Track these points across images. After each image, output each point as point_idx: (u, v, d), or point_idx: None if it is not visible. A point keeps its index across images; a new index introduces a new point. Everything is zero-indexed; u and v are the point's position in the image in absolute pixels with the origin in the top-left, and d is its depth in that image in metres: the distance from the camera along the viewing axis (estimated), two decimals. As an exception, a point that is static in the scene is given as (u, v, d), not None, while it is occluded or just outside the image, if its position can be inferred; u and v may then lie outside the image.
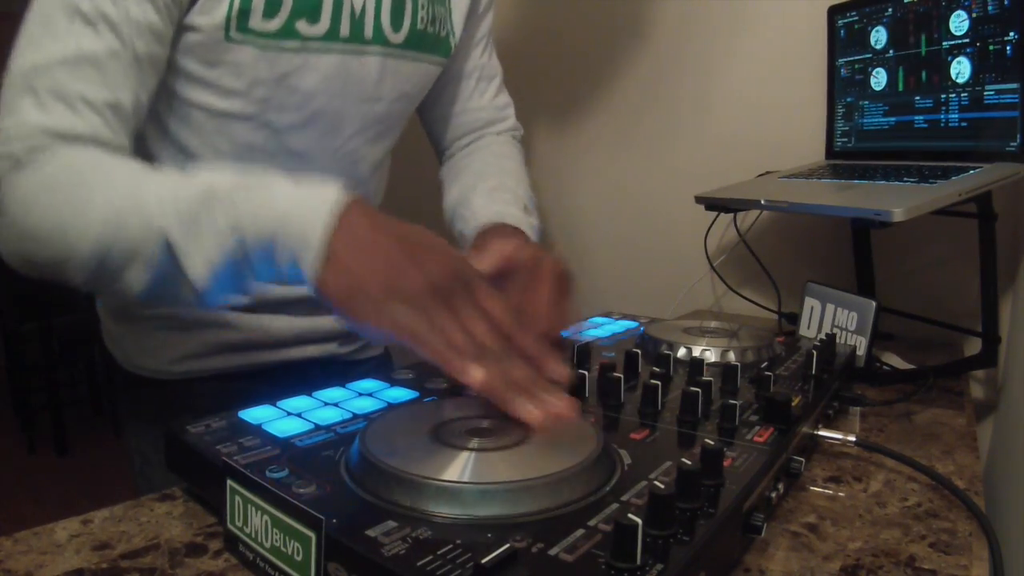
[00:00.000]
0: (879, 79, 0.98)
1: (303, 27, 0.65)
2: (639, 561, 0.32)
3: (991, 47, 0.83)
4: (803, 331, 0.85)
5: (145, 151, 0.67)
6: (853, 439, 0.56)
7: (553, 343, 0.61)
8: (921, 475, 0.55)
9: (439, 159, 0.95)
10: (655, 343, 0.69)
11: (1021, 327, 0.89)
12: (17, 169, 0.53)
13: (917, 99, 0.93)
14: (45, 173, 0.53)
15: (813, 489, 0.54)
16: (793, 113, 1.13)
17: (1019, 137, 0.81)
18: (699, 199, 1.01)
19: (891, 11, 0.94)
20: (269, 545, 0.38)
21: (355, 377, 0.62)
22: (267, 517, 0.38)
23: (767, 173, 1.10)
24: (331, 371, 0.81)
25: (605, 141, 1.35)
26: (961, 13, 0.86)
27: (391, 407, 0.54)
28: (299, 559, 0.36)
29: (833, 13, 1.03)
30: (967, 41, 0.86)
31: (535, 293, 0.62)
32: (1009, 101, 0.82)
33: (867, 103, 1.00)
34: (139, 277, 0.52)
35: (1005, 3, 0.81)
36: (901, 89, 0.95)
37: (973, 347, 0.91)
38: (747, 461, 0.45)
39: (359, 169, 0.77)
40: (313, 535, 0.35)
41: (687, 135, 1.25)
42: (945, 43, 0.88)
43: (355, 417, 0.52)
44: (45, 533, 0.45)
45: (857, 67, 1.01)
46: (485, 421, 0.47)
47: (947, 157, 0.89)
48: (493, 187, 0.80)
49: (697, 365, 0.59)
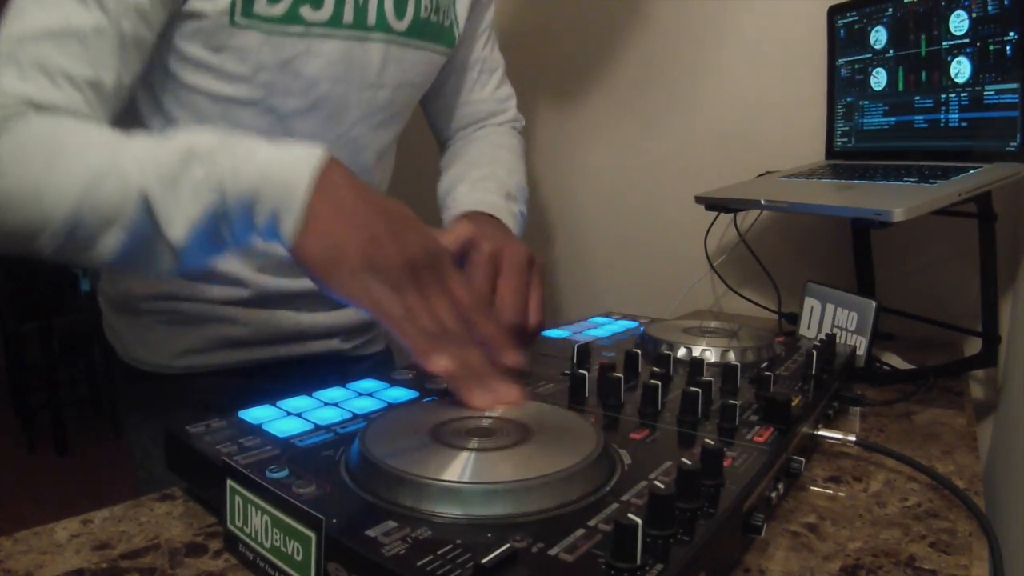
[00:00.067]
0: (879, 79, 0.98)
1: (307, 12, 0.65)
2: (639, 561, 0.32)
3: (991, 47, 0.83)
4: (803, 331, 0.85)
5: None
6: (853, 439, 0.56)
7: (522, 332, 0.61)
8: (921, 475, 0.55)
9: (441, 150, 0.95)
10: (655, 343, 0.69)
11: (1021, 327, 0.89)
12: None
13: (917, 99, 0.93)
14: (19, 139, 0.52)
15: (813, 489, 0.54)
16: (793, 113, 1.13)
17: (1019, 137, 0.81)
18: (699, 199, 1.01)
19: (891, 11, 0.94)
20: (269, 545, 0.38)
21: (357, 373, 0.62)
22: (267, 517, 0.38)
23: (767, 173, 1.10)
24: (333, 367, 0.81)
25: (605, 141, 1.35)
26: (961, 13, 0.86)
27: (391, 407, 0.54)
28: (299, 559, 0.36)
29: (833, 13, 1.03)
30: (967, 41, 0.86)
31: (501, 282, 0.63)
32: (1009, 101, 0.82)
33: (867, 103, 1.00)
34: (114, 242, 0.51)
35: (1005, 3, 0.81)
36: (901, 89, 0.95)
37: (973, 347, 0.91)
38: (747, 461, 0.45)
39: (363, 157, 0.77)
40: (313, 535, 0.35)
41: (687, 135, 1.25)
42: (945, 43, 0.88)
43: (355, 417, 0.52)
44: (45, 533, 0.45)
45: (857, 67, 1.01)
46: (485, 421, 0.47)
47: (947, 157, 0.89)
48: (481, 176, 0.80)
49: (697, 365, 0.59)
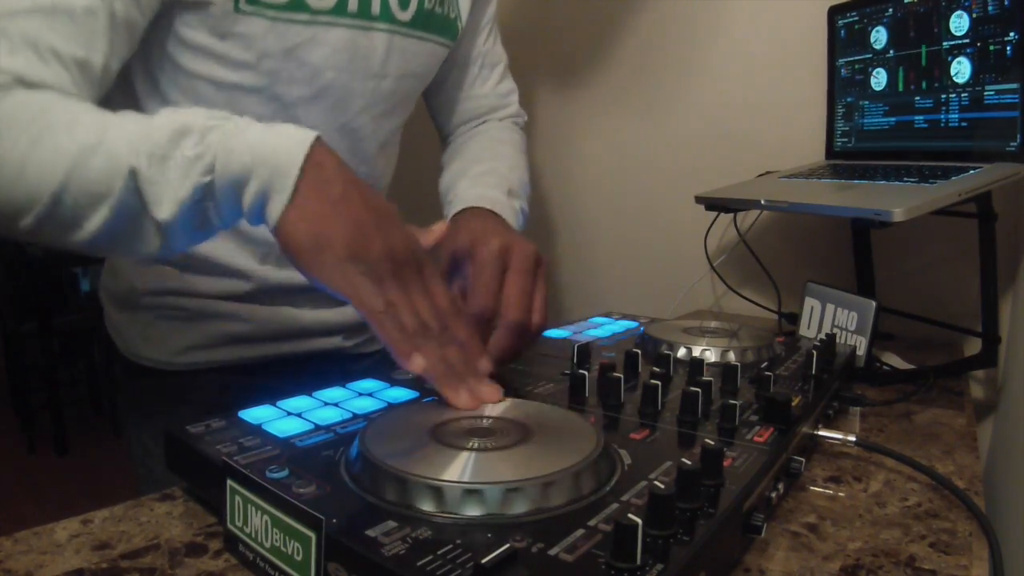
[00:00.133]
0: (879, 79, 0.98)
1: (312, 0, 0.65)
2: (639, 561, 0.32)
3: (991, 47, 0.83)
4: (803, 331, 0.85)
5: None
6: (853, 439, 0.56)
7: (526, 332, 0.61)
8: (921, 475, 0.55)
9: (443, 145, 0.95)
10: (655, 343, 0.69)
11: (1021, 327, 0.89)
12: None
13: (917, 99, 0.93)
14: (6, 113, 0.51)
15: (813, 489, 0.54)
16: (793, 113, 1.13)
17: (1019, 137, 0.81)
18: (699, 199, 1.01)
19: (891, 11, 0.94)
20: (269, 545, 0.38)
21: (358, 371, 0.62)
22: (267, 517, 0.38)
23: (767, 173, 1.10)
24: (334, 365, 0.81)
25: (604, 141, 1.35)
26: (961, 13, 0.86)
27: (391, 407, 0.54)
28: (299, 559, 0.36)
29: (833, 13, 1.03)
30: (967, 41, 0.86)
31: (508, 280, 0.61)
32: (1009, 101, 0.82)
33: (867, 103, 1.00)
34: (99, 221, 0.50)
35: (1005, 3, 0.81)
36: (901, 89, 0.95)
37: (973, 347, 0.91)
38: (747, 461, 0.45)
39: (365, 146, 0.77)
40: (313, 535, 0.35)
41: (687, 135, 1.25)
42: (945, 43, 0.88)
43: (355, 417, 0.52)
44: (45, 533, 0.45)
45: (857, 67, 1.01)
46: (485, 421, 0.47)
47: (947, 157, 0.89)
48: (482, 171, 0.80)
49: (697, 365, 0.59)
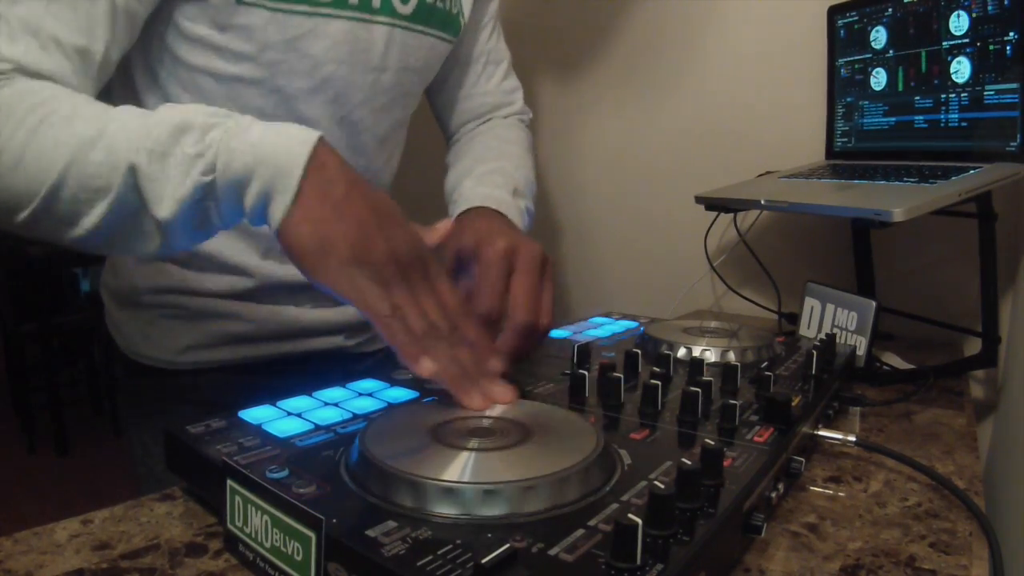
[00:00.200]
0: (879, 79, 0.98)
1: None
2: (639, 561, 0.32)
3: (991, 47, 0.83)
4: (803, 331, 0.85)
5: None
6: (853, 439, 0.56)
7: (533, 332, 0.61)
8: (921, 475, 0.55)
9: (448, 144, 0.95)
10: (655, 343, 0.69)
11: (1021, 327, 0.89)
12: None
13: (917, 99, 0.93)
14: (5, 102, 0.50)
15: (813, 489, 0.54)
16: (793, 113, 1.13)
17: (1019, 137, 0.81)
18: (699, 199, 1.01)
19: (891, 11, 0.94)
20: (269, 545, 0.38)
21: (360, 371, 0.61)
22: (267, 517, 0.38)
23: (767, 173, 1.10)
24: (336, 364, 0.81)
25: (603, 142, 1.35)
26: (961, 13, 0.86)
27: (391, 407, 0.54)
28: (299, 559, 0.36)
29: (833, 13, 1.03)
30: (967, 41, 0.86)
31: (515, 280, 0.61)
32: (1009, 101, 0.82)
33: (867, 103, 1.00)
34: (97, 217, 0.49)
35: (1005, 3, 0.81)
36: (901, 89, 0.95)
37: (973, 347, 0.91)
38: (747, 461, 0.45)
39: (363, 139, 0.77)
40: (313, 535, 0.35)
41: (687, 135, 1.25)
42: (945, 43, 0.88)
43: (355, 417, 0.52)
44: (45, 533, 0.45)
45: (857, 67, 1.01)
46: (485, 421, 0.47)
47: (947, 157, 0.89)
48: (487, 171, 0.79)
49: (697, 365, 0.59)
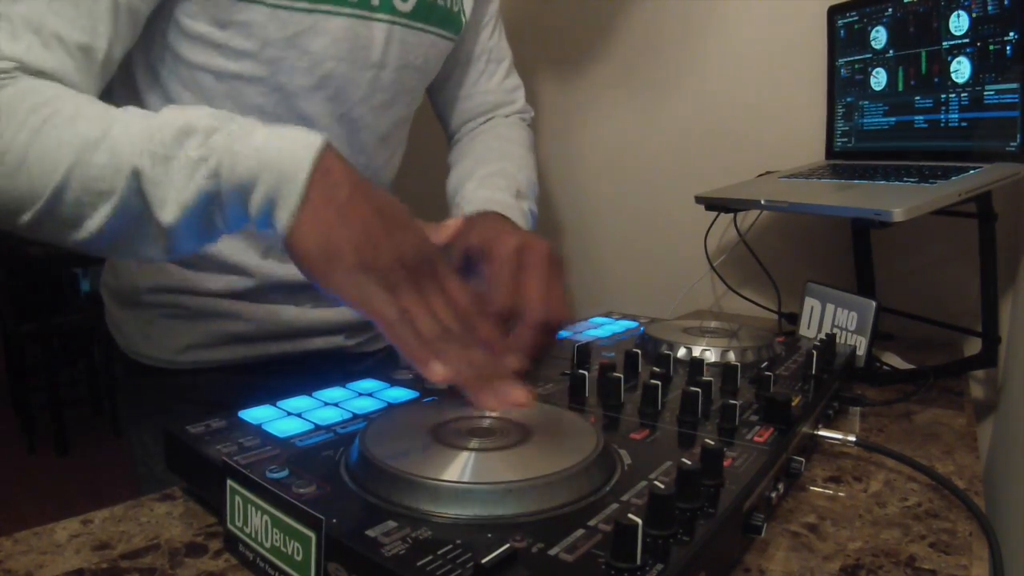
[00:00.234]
0: (879, 79, 0.98)
1: None
2: (639, 561, 0.32)
3: (991, 47, 0.83)
4: (803, 331, 0.85)
5: None
6: (853, 439, 0.56)
7: (549, 329, 0.60)
8: (921, 475, 0.55)
9: (449, 143, 0.95)
10: (655, 343, 0.69)
11: (1021, 327, 0.89)
12: None
13: (917, 99, 0.93)
14: (8, 102, 0.50)
15: (813, 489, 0.54)
16: (793, 113, 1.13)
17: (1019, 137, 0.81)
18: (699, 199, 1.01)
19: (891, 11, 0.94)
20: (269, 545, 0.38)
21: (360, 371, 0.61)
22: (267, 517, 0.38)
23: (767, 173, 1.10)
24: (336, 364, 0.81)
25: (603, 142, 1.35)
26: (961, 13, 0.86)
27: (391, 407, 0.54)
28: (299, 559, 0.36)
29: (833, 13, 1.03)
30: (967, 41, 0.86)
31: (527, 278, 0.61)
32: (1009, 101, 0.82)
33: (867, 103, 1.00)
34: (101, 220, 0.49)
35: (1005, 3, 0.81)
36: (901, 89, 0.95)
37: (973, 347, 0.91)
38: (747, 461, 0.45)
39: (363, 137, 0.77)
40: (313, 535, 0.35)
41: (687, 135, 1.25)
42: (945, 43, 0.88)
43: (355, 417, 0.52)
44: (45, 533, 0.45)
45: (857, 67, 1.01)
46: (485, 421, 0.47)
47: (947, 157, 0.89)
48: (489, 173, 0.79)
49: (697, 365, 0.59)
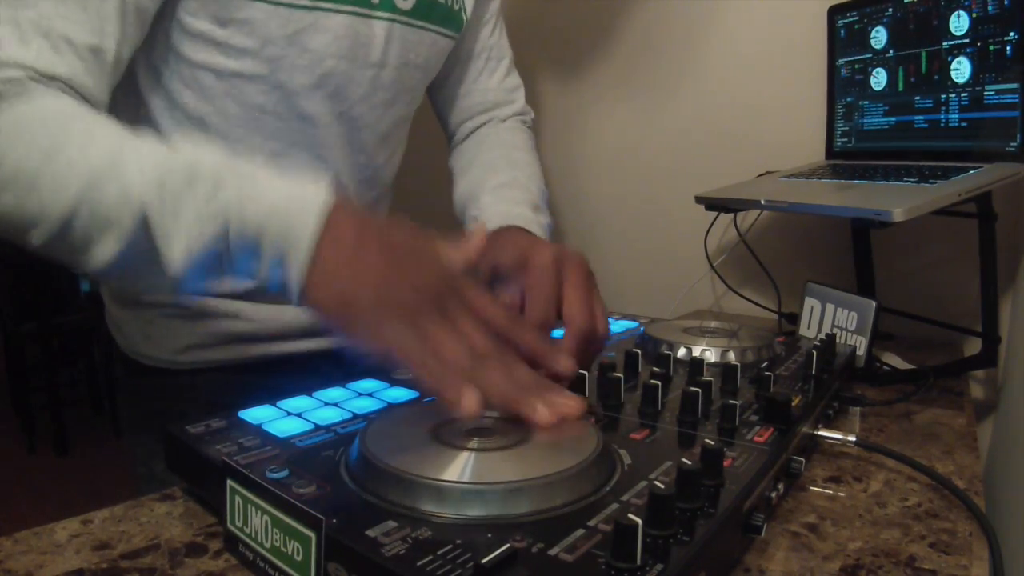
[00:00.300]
0: (879, 79, 0.98)
1: None
2: (639, 561, 0.32)
3: (991, 47, 0.83)
4: (803, 331, 0.85)
5: (151, 123, 0.67)
6: (853, 439, 0.56)
7: (594, 340, 0.59)
8: (921, 475, 0.55)
9: (448, 142, 0.94)
10: (655, 343, 0.69)
11: (1021, 327, 0.89)
12: None
13: (917, 99, 0.93)
14: (20, 118, 0.49)
15: (813, 489, 0.54)
16: (793, 113, 1.13)
17: (1019, 137, 0.81)
18: (699, 199, 1.01)
19: (891, 11, 0.94)
20: (269, 545, 0.38)
21: (359, 371, 0.61)
22: (267, 517, 0.38)
23: (767, 173, 1.10)
24: (335, 365, 0.81)
25: (602, 143, 1.35)
26: (961, 13, 0.86)
27: (391, 407, 0.55)
28: (299, 559, 0.36)
29: (833, 13, 1.03)
30: (967, 41, 0.86)
31: (568, 289, 0.59)
32: (1009, 101, 0.82)
33: (867, 103, 1.00)
34: (109, 250, 0.48)
35: (1005, 3, 0.81)
36: (901, 89, 0.95)
37: (973, 347, 0.91)
38: (747, 461, 0.45)
39: (363, 136, 0.77)
40: (313, 535, 0.35)
41: (687, 135, 1.25)
42: (945, 43, 0.88)
43: (355, 417, 0.52)
44: (45, 533, 0.45)
45: (857, 67, 1.01)
46: (485, 421, 0.47)
47: (947, 157, 0.89)
48: (502, 183, 0.79)
49: (697, 365, 0.59)
